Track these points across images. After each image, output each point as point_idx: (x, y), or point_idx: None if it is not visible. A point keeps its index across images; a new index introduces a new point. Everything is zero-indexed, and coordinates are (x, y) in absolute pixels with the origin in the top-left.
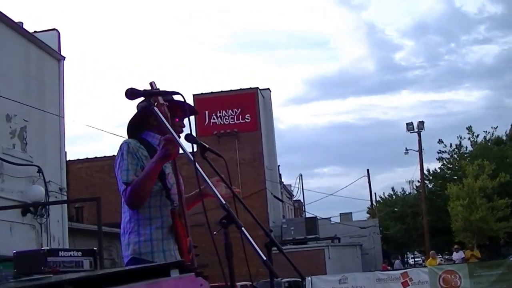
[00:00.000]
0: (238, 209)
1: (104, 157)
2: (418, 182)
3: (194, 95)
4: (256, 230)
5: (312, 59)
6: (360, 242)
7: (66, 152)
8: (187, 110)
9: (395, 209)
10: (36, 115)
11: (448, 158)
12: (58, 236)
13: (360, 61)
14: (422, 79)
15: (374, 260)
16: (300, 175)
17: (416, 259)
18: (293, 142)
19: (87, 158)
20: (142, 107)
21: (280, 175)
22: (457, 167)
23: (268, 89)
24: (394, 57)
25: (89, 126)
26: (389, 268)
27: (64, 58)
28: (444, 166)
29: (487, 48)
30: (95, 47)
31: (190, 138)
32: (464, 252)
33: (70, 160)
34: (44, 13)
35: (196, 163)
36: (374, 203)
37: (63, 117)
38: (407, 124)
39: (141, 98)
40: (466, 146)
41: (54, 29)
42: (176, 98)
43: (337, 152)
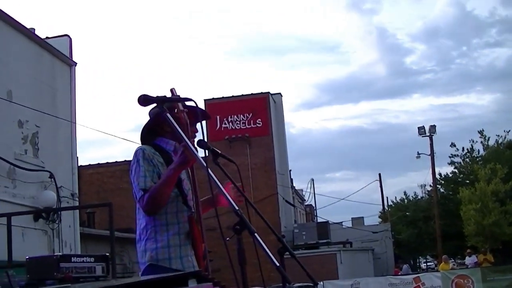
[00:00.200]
0: (249, 214)
1: (115, 162)
2: (429, 186)
3: (205, 100)
4: (267, 235)
5: (323, 64)
6: (372, 247)
7: (77, 157)
8: (199, 116)
9: (407, 213)
10: (48, 121)
11: (460, 162)
12: (70, 242)
13: (371, 65)
14: (433, 82)
15: (386, 265)
16: (312, 180)
17: (428, 264)
18: (304, 146)
19: (98, 164)
20: (154, 114)
21: (291, 179)
22: (469, 171)
23: (280, 93)
24: (405, 61)
25: (100, 131)
26: (401, 272)
27: (76, 63)
28: (456, 169)
29: (499, 51)
30: (104, 51)
31: (202, 144)
32: (477, 256)
33: (81, 166)
34: (55, 19)
35: (208, 169)
36: (386, 207)
37: (75, 122)
38: (418, 128)
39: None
40: (478, 150)
41: (66, 35)
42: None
43: (348, 156)
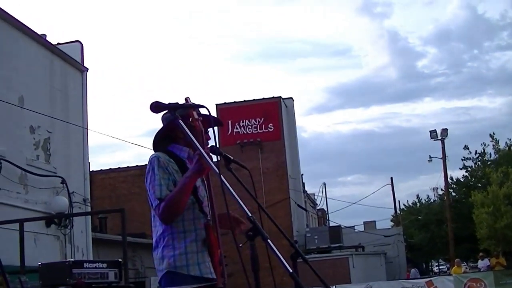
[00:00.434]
0: (262, 218)
1: (127, 167)
2: (441, 190)
3: (217, 105)
4: (280, 240)
5: (334, 68)
6: (384, 251)
7: (89, 162)
8: (212, 122)
9: (419, 217)
10: (60, 126)
11: (472, 166)
12: (82, 247)
13: (383, 69)
14: (445, 86)
15: (398, 269)
16: (324, 184)
17: (440, 267)
18: (316, 150)
19: (110, 169)
20: (167, 120)
21: (303, 184)
22: (480, 174)
23: (291, 98)
24: (417, 64)
25: (111, 136)
26: (411, 276)
27: (88, 69)
28: (468, 173)
29: (510, 54)
30: (114, 56)
31: (214, 150)
32: (489, 259)
33: (93, 171)
34: (65, 25)
35: (221, 176)
36: (398, 211)
37: (87, 128)
38: (430, 131)
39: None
40: (490, 153)
41: (77, 41)
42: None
43: (360, 160)
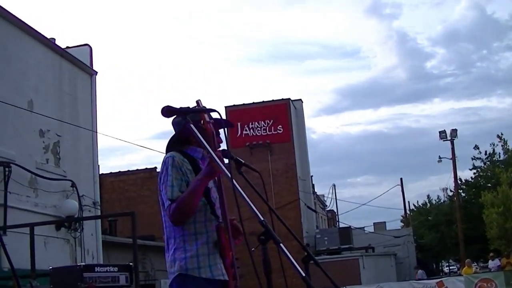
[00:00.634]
0: (272, 220)
1: (137, 170)
2: (450, 191)
3: (226, 107)
4: (289, 241)
5: (343, 69)
6: (395, 251)
7: (99, 165)
8: (223, 125)
9: (429, 217)
10: (69, 130)
11: (481, 166)
12: (92, 250)
13: (392, 70)
14: (454, 86)
15: (408, 269)
16: (333, 185)
17: (451, 268)
18: (325, 152)
19: (120, 172)
20: (178, 125)
21: (313, 185)
22: (489, 174)
23: (300, 99)
24: (426, 65)
25: (120, 139)
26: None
27: (96, 72)
28: (477, 173)
29: None
30: (117, 58)
31: (226, 154)
32: (500, 259)
33: (103, 174)
34: (74, 28)
35: (234, 180)
36: (408, 211)
37: (96, 131)
38: (440, 132)
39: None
40: (499, 154)
41: (86, 44)
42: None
43: (370, 161)
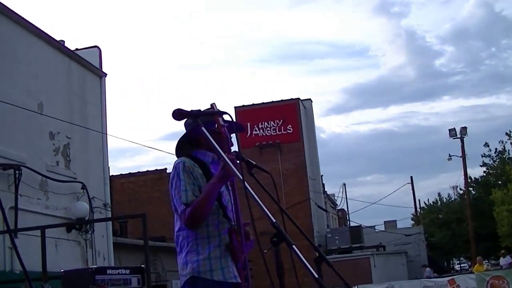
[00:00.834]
0: (284, 220)
1: (147, 171)
2: (460, 189)
3: (235, 108)
4: (300, 240)
5: (351, 68)
6: (405, 250)
7: (109, 167)
8: (235, 128)
9: (439, 215)
10: (79, 132)
11: (491, 164)
12: (103, 252)
13: (401, 68)
14: (463, 84)
15: (419, 268)
16: (344, 184)
17: (462, 265)
18: (335, 151)
19: (130, 173)
20: (190, 127)
21: (323, 184)
22: (499, 172)
23: (309, 99)
24: (435, 63)
25: (130, 141)
26: (435, 274)
27: (106, 74)
28: (487, 171)
29: None
30: (133, 60)
31: (237, 156)
32: (511, 257)
33: (113, 175)
34: (83, 30)
35: (246, 183)
36: (419, 210)
37: (106, 133)
38: (449, 130)
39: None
40: (508, 151)
41: (95, 46)
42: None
43: (380, 160)
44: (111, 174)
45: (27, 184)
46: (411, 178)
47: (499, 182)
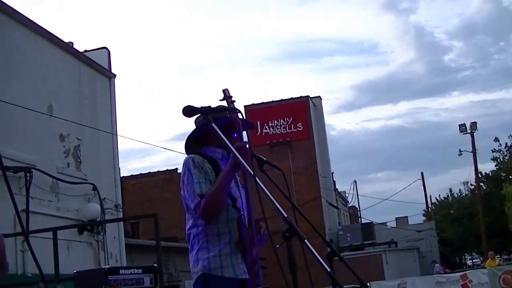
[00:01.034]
0: (296, 218)
1: (157, 172)
2: (471, 185)
3: (245, 106)
4: (312, 238)
5: (361, 65)
6: (417, 246)
7: (120, 168)
8: (244, 125)
9: (451, 211)
10: (89, 133)
11: (502, 159)
12: (115, 253)
13: (410, 64)
14: (472, 79)
15: (429, 264)
16: (355, 181)
17: (474, 260)
18: (345, 148)
19: (141, 174)
20: (200, 123)
21: (334, 182)
22: (510, 166)
23: (319, 97)
24: (444, 59)
25: (140, 141)
26: (447, 270)
27: (115, 75)
28: (498, 166)
29: None
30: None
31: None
32: None
33: (124, 176)
34: (92, 32)
35: (256, 178)
36: (430, 205)
37: (116, 134)
38: (459, 125)
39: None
40: None
41: (104, 47)
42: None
43: (390, 156)
44: (121, 176)
45: (38, 187)
46: (422, 174)
47: (510, 177)
